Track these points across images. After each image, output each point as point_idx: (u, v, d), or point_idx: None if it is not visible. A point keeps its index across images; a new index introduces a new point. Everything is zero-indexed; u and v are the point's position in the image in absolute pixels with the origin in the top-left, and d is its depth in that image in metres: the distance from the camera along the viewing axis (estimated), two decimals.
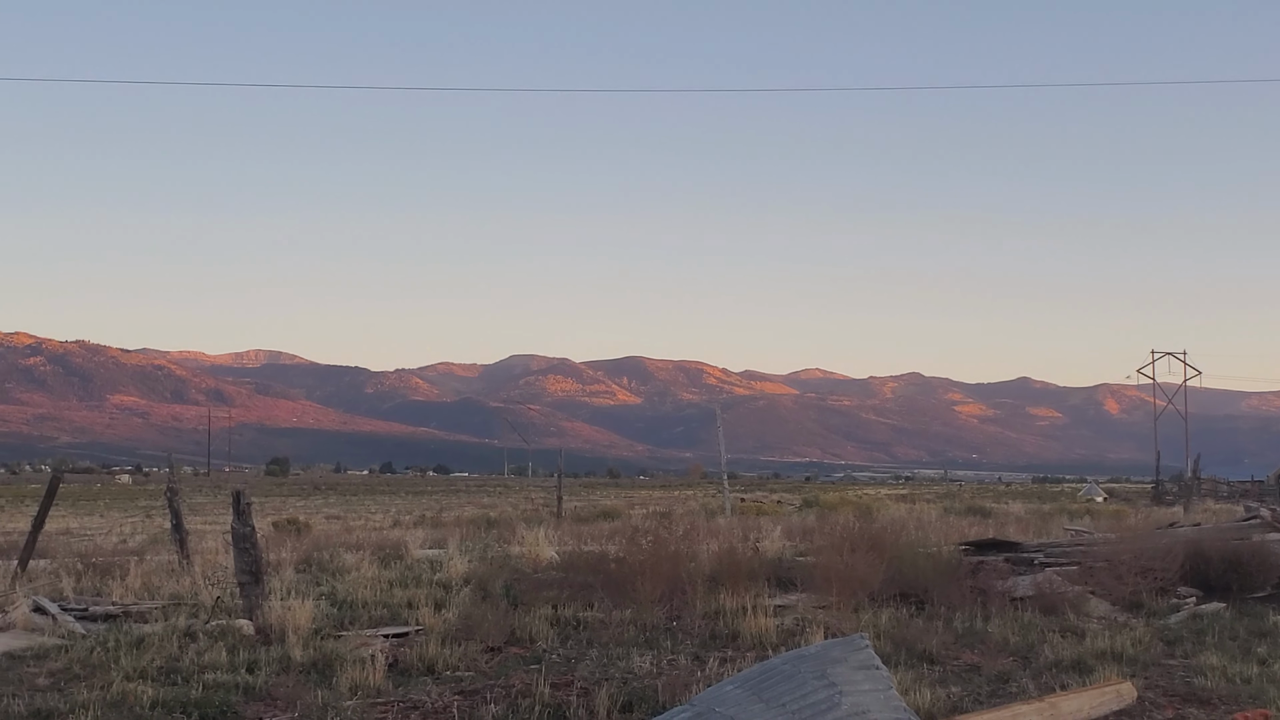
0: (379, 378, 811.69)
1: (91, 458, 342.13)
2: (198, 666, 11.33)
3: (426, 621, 13.88)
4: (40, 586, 17.70)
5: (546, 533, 26.65)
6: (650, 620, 14.05)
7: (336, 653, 11.81)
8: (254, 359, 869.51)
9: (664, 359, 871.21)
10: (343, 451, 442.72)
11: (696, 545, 18.96)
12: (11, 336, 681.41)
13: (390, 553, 24.17)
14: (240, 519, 14.83)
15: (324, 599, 16.16)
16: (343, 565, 21.42)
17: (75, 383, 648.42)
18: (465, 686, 10.45)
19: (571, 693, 9.87)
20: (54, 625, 14.18)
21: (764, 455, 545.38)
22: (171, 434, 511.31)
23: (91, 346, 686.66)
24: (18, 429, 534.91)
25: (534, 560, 21.39)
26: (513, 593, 16.36)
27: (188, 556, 20.89)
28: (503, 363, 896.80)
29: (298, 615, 13.46)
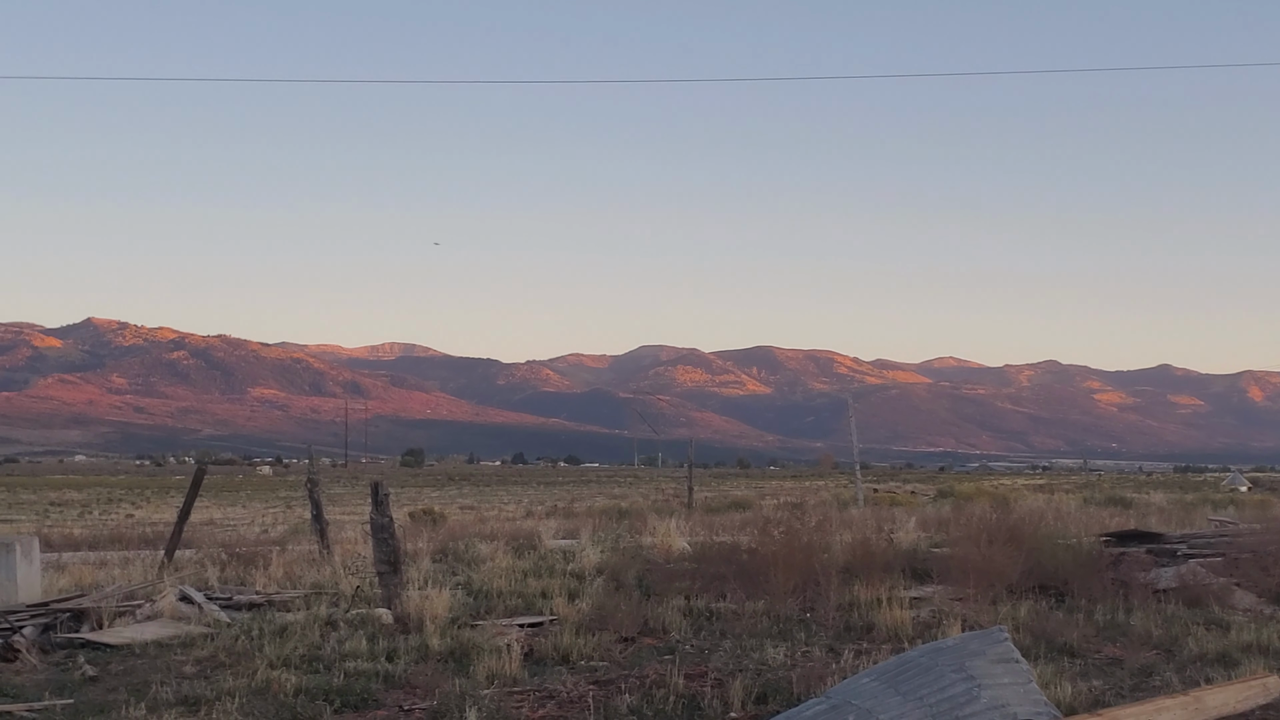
0: (510, 369, 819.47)
1: (233, 449, 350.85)
2: (339, 655, 11.55)
3: (561, 611, 13.98)
4: (186, 576, 18.18)
5: (678, 523, 26.70)
6: (784, 612, 13.98)
7: (473, 642, 11.95)
8: (389, 352, 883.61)
9: (794, 348, 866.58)
10: (475, 442, 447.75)
11: (829, 536, 18.83)
12: (156, 332, 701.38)
13: (523, 543, 24.40)
14: (379, 510, 15.08)
15: (460, 588, 16.36)
16: (477, 555, 21.66)
17: (217, 376, 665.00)
18: (600, 676, 10.51)
19: (705, 684, 9.87)
20: (200, 614, 14.55)
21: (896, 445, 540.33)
22: (310, 426, 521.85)
23: (232, 341, 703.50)
24: (162, 422, 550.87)
25: (666, 551, 21.42)
26: (645, 583, 16.42)
27: (328, 546, 21.31)
28: (632, 353, 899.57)
29: (435, 604, 13.65)
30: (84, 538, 31.14)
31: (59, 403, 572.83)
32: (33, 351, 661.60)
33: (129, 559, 21.22)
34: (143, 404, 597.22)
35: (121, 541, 28.17)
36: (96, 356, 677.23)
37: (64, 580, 18.24)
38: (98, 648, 12.78)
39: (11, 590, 15.64)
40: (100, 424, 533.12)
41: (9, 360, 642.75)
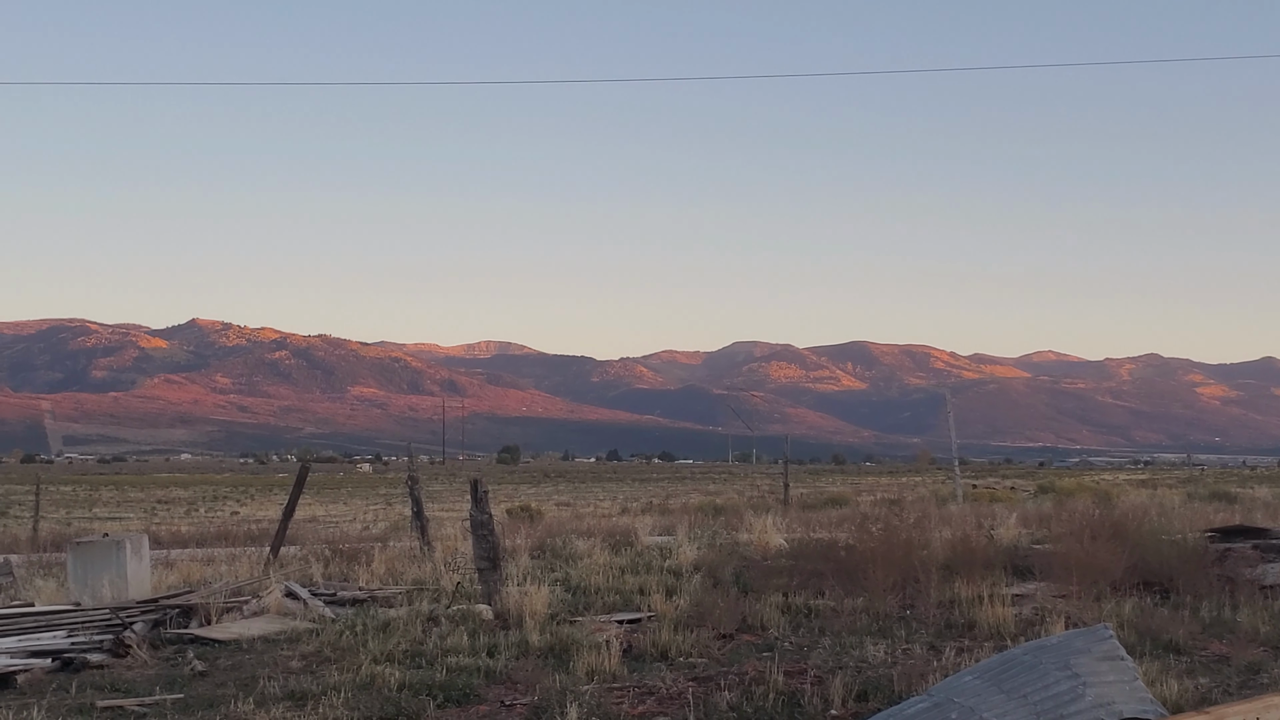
0: (604, 366, 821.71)
1: (334, 447, 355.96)
2: (440, 650, 11.69)
3: (658, 608, 14.02)
4: (291, 572, 18.48)
5: (774, 520, 26.60)
6: (883, 609, 13.90)
7: (572, 638, 12.03)
8: (485, 350, 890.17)
9: (889, 343, 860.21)
10: (570, 439, 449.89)
11: (928, 533, 18.68)
12: (258, 332, 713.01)
13: (620, 539, 24.47)
14: (478, 507, 15.22)
15: (558, 585, 16.47)
16: (575, 552, 21.77)
17: (318, 375, 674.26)
18: (699, 673, 10.53)
19: (805, 681, 9.85)
20: (305, 610, 14.79)
21: (995, 440, 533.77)
22: (408, 424, 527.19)
23: (333, 340, 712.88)
24: (265, 420, 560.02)
25: (763, 547, 21.38)
26: (743, 580, 16.41)
27: (428, 543, 21.53)
28: (726, 350, 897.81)
29: (534, 600, 13.75)
30: (191, 535, 31.78)
31: (165, 402, 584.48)
32: (139, 352, 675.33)
33: (235, 556, 21.61)
34: (246, 403, 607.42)
35: (227, 538, 28.71)
36: (201, 357, 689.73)
37: (173, 577, 18.63)
38: (206, 643, 13.04)
39: (122, 587, 16.01)
40: (205, 423, 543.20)
41: (117, 361, 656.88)
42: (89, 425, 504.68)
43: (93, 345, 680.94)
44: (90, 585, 16.03)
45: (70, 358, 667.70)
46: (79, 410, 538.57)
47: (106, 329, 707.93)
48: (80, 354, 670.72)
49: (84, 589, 16.07)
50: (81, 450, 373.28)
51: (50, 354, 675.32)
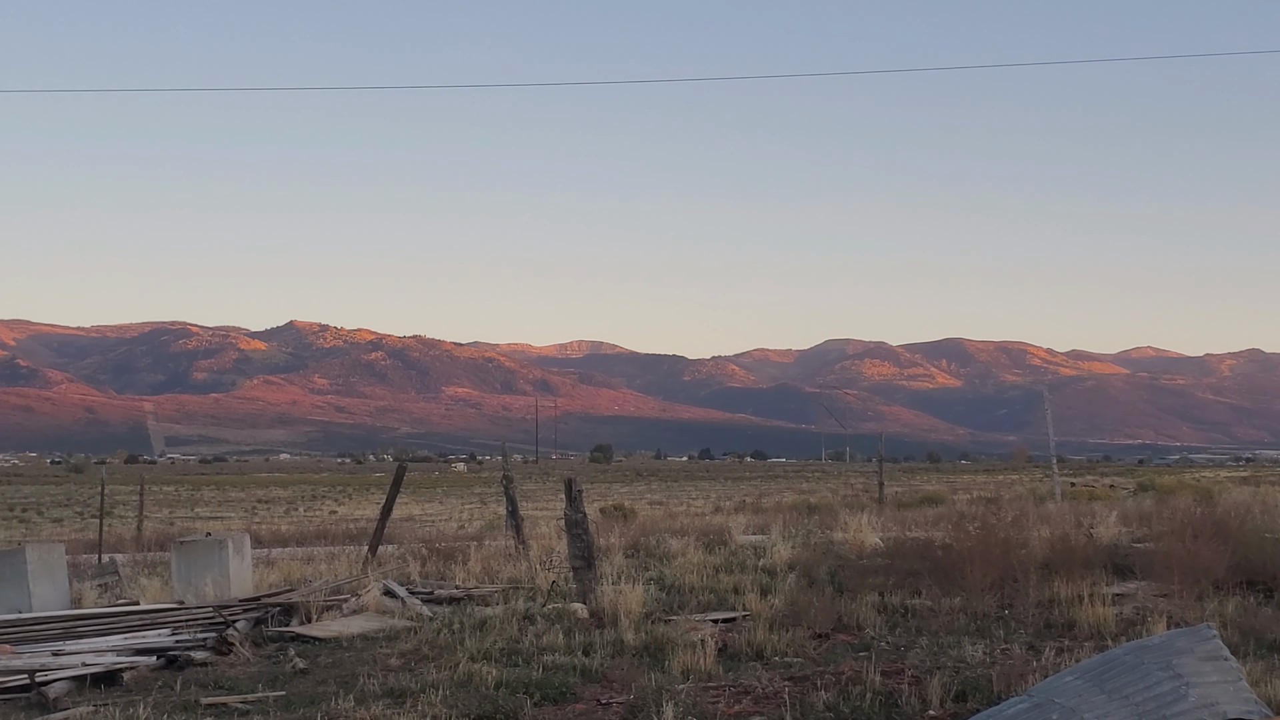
0: (696, 365, 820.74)
1: (429, 447, 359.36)
2: (537, 648, 11.77)
3: (753, 607, 14.00)
4: (389, 571, 18.70)
5: (869, 519, 26.45)
6: (981, 608, 13.76)
7: (667, 636, 12.05)
8: (577, 349, 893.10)
9: (985, 340, 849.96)
10: (662, 438, 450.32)
11: (1026, 531, 18.49)
12: (355, 333, 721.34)
13: (714, 538, 24.46)
14: (572, 506, 15.30)
15: (652, 583, 16.50)
16: (668, 551, 21.80)
17: (413, 376, 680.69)
18: (795, 672, 10.50)
19: (903, 681, 9.78)
20: (403, 608, 14.96)
21: (1093, 438, 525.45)
22: (502, 423, 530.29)
23: (427, 341, 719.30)
24: (362, 421, 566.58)
25: (858, 546, 21.27)
26: (838, 579, 16.33)
27: (523, 542, 21.67)
28: (818, 348, 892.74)
29: (629, 599, 13.79)
30: (291, 534, 32.27)
31: (264, 403, 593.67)
32: (239, 354, 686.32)
33: (334, 554, 21.91)
34: (343, 403, 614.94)
35: (326, 537, 29.11)
36: (299, 358, 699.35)
37: (273, 575, 18.93)
38: (307, 640, 13.24)
39: (225, 585, 16.31)
40: (303, 423, 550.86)
41: (217, 363, 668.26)
42: (190, 426, 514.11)
43: (194, 347, 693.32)
44: (194, 584, 16.35)
45: (172, 360, 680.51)
46: (181, 411, 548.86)
47: (207, 331, 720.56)
48: (182, 356, 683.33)
49: (188, 587, 16.39)
50: (183, 451, 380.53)
51: (153, 356, 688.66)
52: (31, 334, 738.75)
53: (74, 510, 58.85)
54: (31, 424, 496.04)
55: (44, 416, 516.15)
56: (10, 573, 16.03)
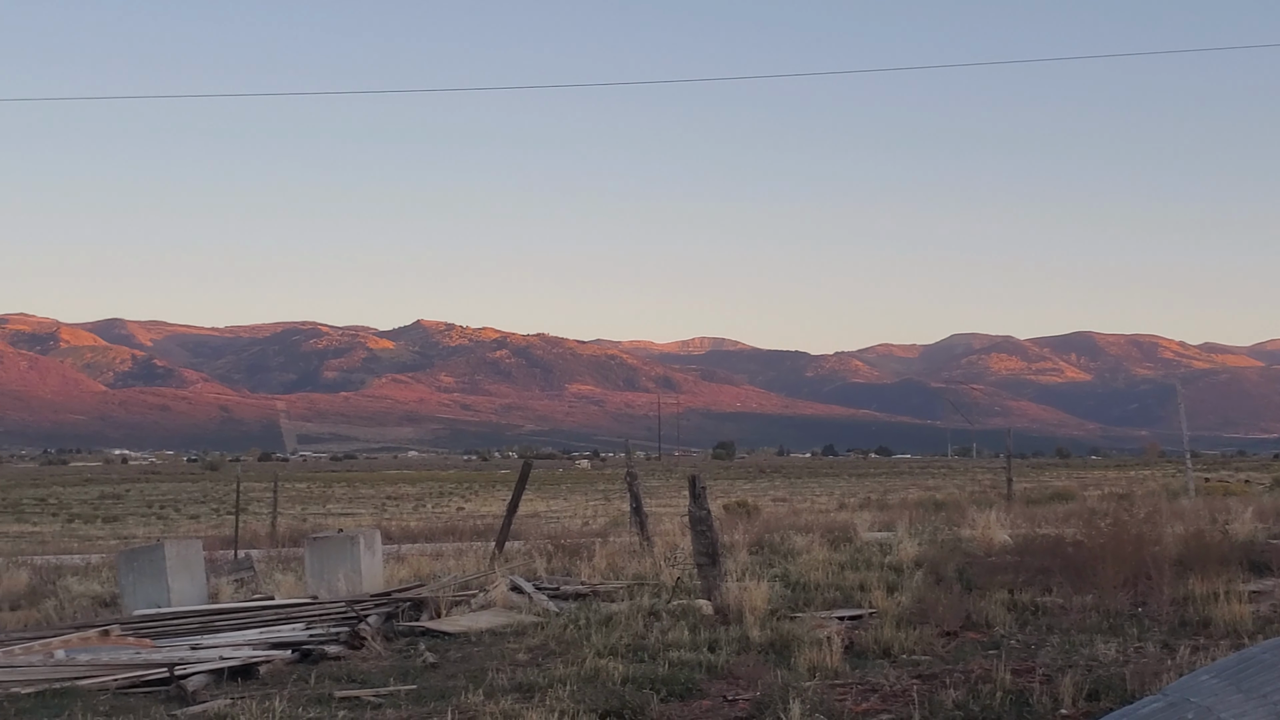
0: (819, 361, 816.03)
1: (553, 444, 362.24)
2: (662, 644, 11.79)
3: (879, 604, 13.89)
4: (516, 567, 18.88)
5: (997, 515, 26.05)
6: (1113, 606, 13.48)
7: (793, 634, 12.00)
8: (699, 346, 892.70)
9: (1115, 333, 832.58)
10: (785, 434, 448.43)
11: (1160, 528, 18.06)
12: (480, 332, 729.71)
13: (838, 535, 24.29)
14: (696, 502, 15.31)
15: (777, 580, 16.43)
16: (793, 547, 21.70)
17: (537, 374, 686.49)
18: (923, 670, 10.40)
19: (1033, 679, 9.63)
20: (530, 603, 15.10)
21: (1227, 432, 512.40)
22: (625, 420, 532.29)
23: (551, 339, 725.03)
24: (487, 418, 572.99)
25: (986, 543, 20.98)
26: (966, 576, 16.13)
27: (648, 538, 21.73)
28: (943, 342, 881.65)
29: (754, 596, 13.76)
30: (419, 530, 32.76)
31: (392, 401, 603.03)
32: (368, 353, 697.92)
33: (462, 550, 22.20)
34: (469, 401, 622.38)
35: (454, 533, 29.51)
36: (426, 357, 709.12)
37: (403, 571, 19.24)
38: (436, 635, 13.44)
39: (357, 581, 16.60)
40: (430, 421, 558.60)
41: (346, 362, 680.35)
42: (321, 424, 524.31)
43: (324, 347, 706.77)
44: (326, 579, 16.67)
45: (303, 359, 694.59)
46: (312, 410, 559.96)
47: (337, 331, 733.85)
48: (312, 355, 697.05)
49: (320, 583, 16.72)
50: (315, 448, 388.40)
51: (285, 356, 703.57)
52: (168, 335, 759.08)
53: (210, 507, 60.32)
54: (168, 423, 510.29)
55: (180, 415, 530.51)
56: (150, 568, 16.48)
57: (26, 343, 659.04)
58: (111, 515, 54.54)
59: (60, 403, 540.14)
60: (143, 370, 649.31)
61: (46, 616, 16.57)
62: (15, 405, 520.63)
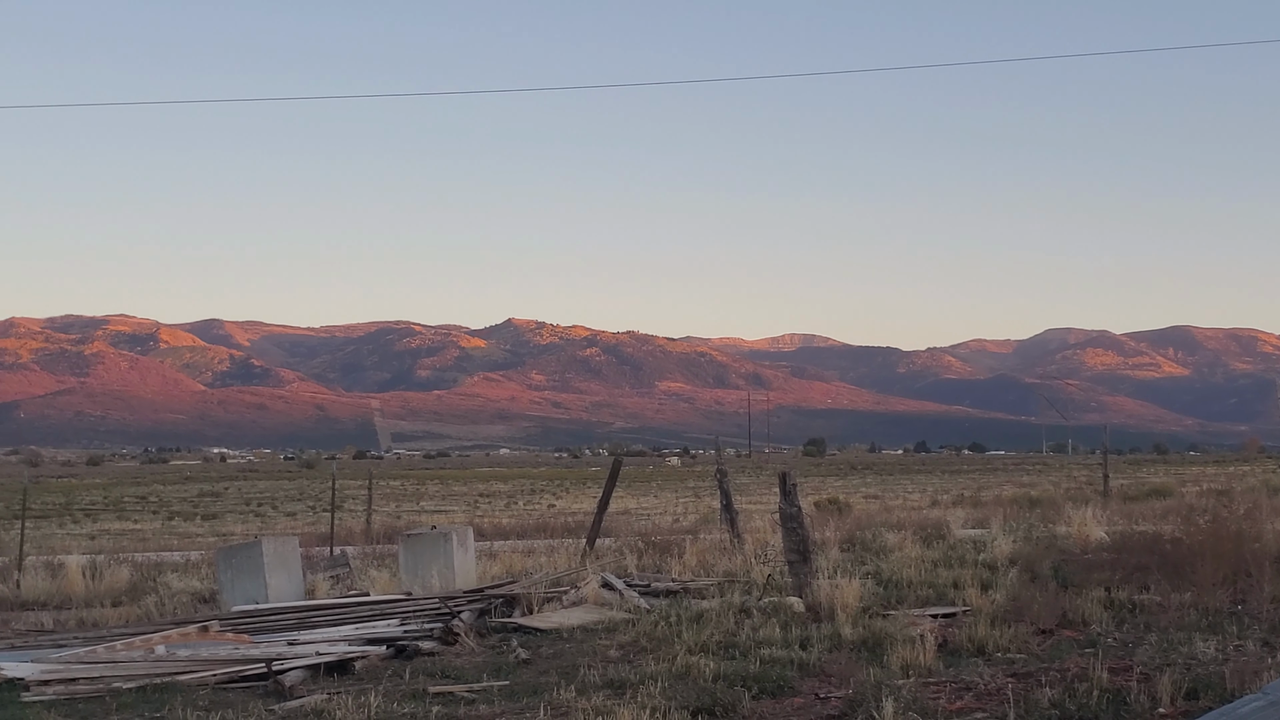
0: (911, 357, 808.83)
1: (643, 441, 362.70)
2: (753, 641, 11.79)
3: (973, 602, 13.78)
4: (606, 563, 18.97)
5: (1093, 512, 25.72)
6: (1212, 604, 13.26)
7: (885, 631, 11.95)
8: (789, 343, 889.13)
9: (1213, 327, 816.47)
10: (876, 431, 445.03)
11: (1260, 524, 17.74)
12: (570, 330, 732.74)
13: (931, 532, 24.13)
14: (787, 499, 15.28)
15: (869, 578, 16.37)
16: (885, 545, 21.59)
17: (627, 371, 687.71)
18: (1018, 669, 10.30)
19: (1131, 678, 9.51)
20: (620, 600, 15.16)
21: None
22: (714, 417, 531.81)
23: (640, 337, 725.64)
24: (578, 416, 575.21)
25: (1082, 540, 20.73)
26: (1061, 574, 15.96)
27: (738, 535, 21.73)
28: (1037, 337, 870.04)
29: (845, 593, 13.71)
30: (511, 527, 32.97)
31: (484, 399, 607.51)
32: (460, 352, 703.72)
33: (553, 547, 22.33)
34: (560, 399, 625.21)
35: (545, 530, 29.66)
36: (517, 355, 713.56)
37: (495, 567, 19.40)
38: (528, 631, 13.54)
39: (450, 577, 16.77)
40: (522, 419, 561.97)
41: (439, 361, 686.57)
42: (414, 422, 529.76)
43: (417, 346, 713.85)
44: (420, 575, 16.85)
45: (397, 358, 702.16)
46: (405, 408, 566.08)
47: (430, 330, 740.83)
48: (406, 354, 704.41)
49: (414, 579, 16.91)
50: (408, 446, 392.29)
51: (379, 355, 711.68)
52: (265, 335, 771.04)
53: (306, 504, 61.14)
54: (265, 421, 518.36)
55: (277, 414, 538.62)
56: (248, 565, 16.76)
57: (127, 344, 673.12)
58: (210, 513, 55.50)
59: (160, 402, 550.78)
60: (240, 370, 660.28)
61: (147, 612, 16.91)
62: (117, 405, 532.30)
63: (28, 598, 18.88)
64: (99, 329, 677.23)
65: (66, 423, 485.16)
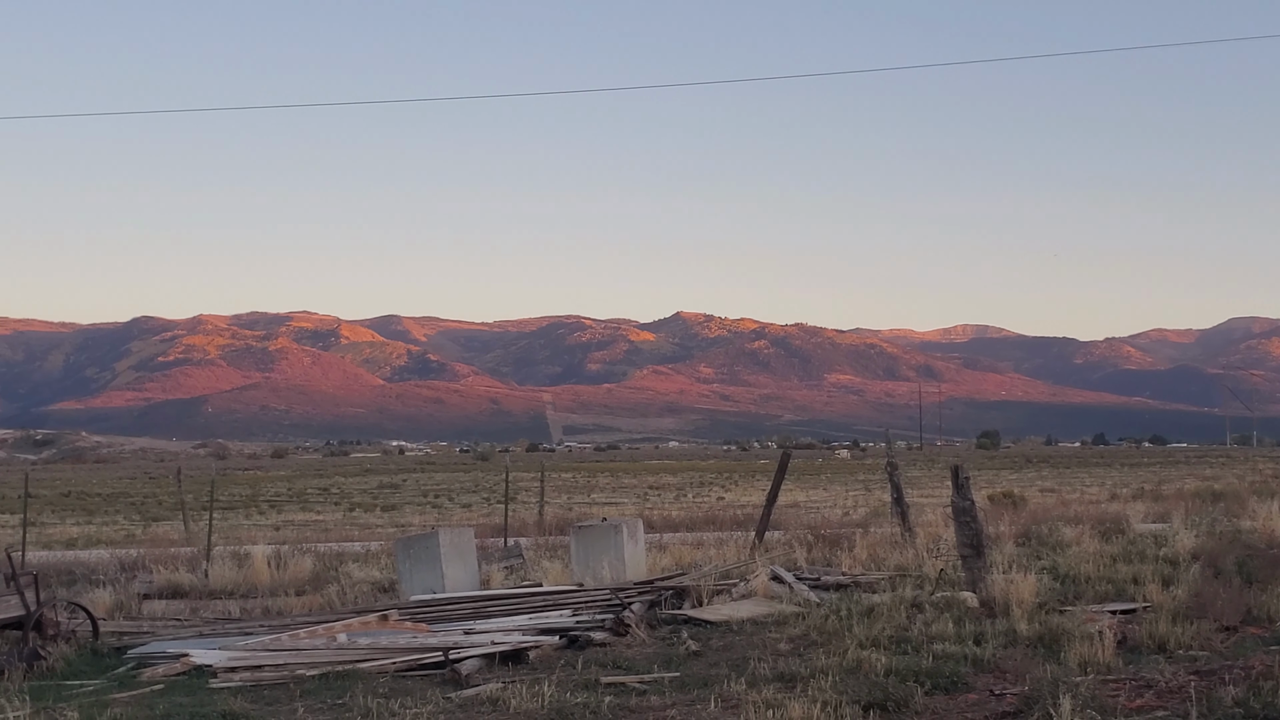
0: (1088, 347, 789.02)
1: (811, 434, 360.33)
2: (926, 637, 11.69)
3: (1154, 598, 13.45)
4: (776, 556, 18.95)
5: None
6: None
7: (1062, 627, 11.74)
8: (961, 334, 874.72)
9: None
10: (1052, 423, 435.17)
11: None
12: (738, 323, 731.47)
13: (1110, 527, 23.59)
14: (959, 493, 15.09)
15: (1045, 573, 16.10)
16: (1061, 539, 21.19)
17: (795, 363, 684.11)
18: (1200, 666, 10.03)
19: None
20: (790, 593, 15.15)
21: None
22: (884, 410, 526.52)
23: (809, 329, 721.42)
24: (746, 409, 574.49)
25: (1268, 535, 20.11)
26: (1246, 569, 15.49)
27: (909, 529, 21.51)
28: (1221, 326, 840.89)
29: (1020, 589, 13.50)
30: (681, 519, 33.10)
31: (653, 392, 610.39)
32: (629, 345, 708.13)
33: (722, 540, 22.35)
34: (728, 392, 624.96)
35: (714, 523, 29.70)
36: (685, 348, 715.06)
37: (665, 559, 19.52)
38: (698, 624, 13.62)
39: (620, 569, 16.94)
40: (690, 412, 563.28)
41: (609, 355, 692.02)
42: (585, 415, 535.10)
43: (587, 340, 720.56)
44: (591, 567, 17.06)
45: (568, 352, 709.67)
46: (576, 401, 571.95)
47: (599, 324, 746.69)
48: (576, 348, 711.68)
49: (585, 570, 17.13)
50: (579, 439, 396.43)
51: (550, 349, 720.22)
52: (440, 330, 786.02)
53: (481, 496, 62.21)
54: (441, 415, 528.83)
55: (452, 408, 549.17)
56: (425, 555, 17.16)
57: (310, 339, 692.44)
58: (389, 504, 56.83)
59: (341, 396, 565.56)
60: (417, 364, 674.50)
61: (329, 601, 17.42)
62: (300, 399, 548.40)
63: (216, 587, 19.57)
64: (282, 325, 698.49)
65: (252, 417, 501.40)
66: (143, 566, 21.66)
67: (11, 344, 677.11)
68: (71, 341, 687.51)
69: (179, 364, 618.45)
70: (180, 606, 18.03)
